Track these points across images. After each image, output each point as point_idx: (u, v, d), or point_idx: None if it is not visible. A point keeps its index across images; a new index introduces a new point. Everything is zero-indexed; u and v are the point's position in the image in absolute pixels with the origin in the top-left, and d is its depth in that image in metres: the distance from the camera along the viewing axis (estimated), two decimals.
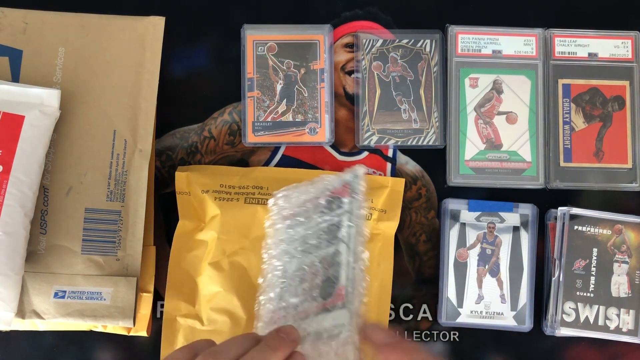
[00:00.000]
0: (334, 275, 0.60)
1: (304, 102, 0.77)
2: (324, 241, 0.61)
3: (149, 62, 0.76)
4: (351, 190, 0.62)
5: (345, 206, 0.61)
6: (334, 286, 0.59)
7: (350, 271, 0.59)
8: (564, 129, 0.78)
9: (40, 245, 0.72)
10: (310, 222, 0.62)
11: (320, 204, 0.62)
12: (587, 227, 0.76)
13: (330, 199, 0.62)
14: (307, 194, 0.63)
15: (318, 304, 0.59)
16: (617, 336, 0.75)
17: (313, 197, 0.63)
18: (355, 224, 0.61)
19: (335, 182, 0.62)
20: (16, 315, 0.70)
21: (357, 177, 0.62)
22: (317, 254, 0.61)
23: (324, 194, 0.62)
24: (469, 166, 0.77)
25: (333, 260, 0.60)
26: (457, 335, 0.78)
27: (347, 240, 0.60)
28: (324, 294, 0.59)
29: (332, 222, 0.61)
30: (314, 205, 0.63)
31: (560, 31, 0.79)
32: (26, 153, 0.69)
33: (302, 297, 0.60)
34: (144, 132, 0.75)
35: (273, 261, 0.63)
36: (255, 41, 0.77)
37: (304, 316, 0.59)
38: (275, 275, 0.62)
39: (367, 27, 0.79)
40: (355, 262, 0.59)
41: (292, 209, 0.64)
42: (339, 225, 0.61)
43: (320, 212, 0.62)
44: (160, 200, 0.77)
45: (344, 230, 0.60)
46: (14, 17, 0.75)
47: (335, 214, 0.61)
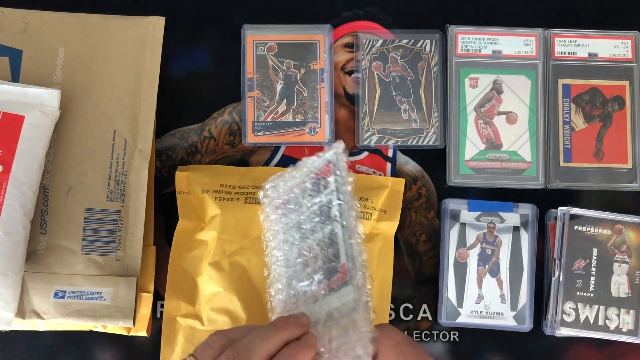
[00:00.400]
0: (334, 255, 0.61)
1: (304, 102, 0.77)
2: (318, 224, 0.62)
3: (149, 62, 0.76)
4: (334, 167, 0.62)
5: (331, 185, 0.62)
6: (335, 266, 0.60)
7: (348, 248, 0.60)
8: (564, 129, 0.78)
9: (40, 245, 0.72)
10: (302, 207, 0.63)
11: (307, 188, 0.63)
12: (587, 227, 0.76)
13: (316, 180, 0.63)
14: (293, 180, 0.64)
15: (324, 285, 0.60)
16: (617, 336, 0.75)
17: (300, 181, 0.64)
18: (345, 200, 0.61)
19: (317, 162, 0.63)
20: (16, 315, 0.70)
21: (337, 154, 0.62)
22: (314, 238, 0.62)
23: (309, 177, 0.63)
24: (469, 166, 0.77)
25: (330, 240, 0.61)
26: (457, 335, 0.78)
27: (339, 219, 0.61)
28: (327, 275, 0.60)
29: (322, 203, 0.62)
30: (301, 190, 0.63)
31: (560, 31, 0.79)
32: (26, 153, 0.69)
33: (308, 281, 0.61)
34: (144, 132, 0.75)
35: (274, 252, 0.64)
36: (255, 41, 0.77)
37: (313, 300, 0.60)
38: (279, 265, 0.63)
39: (367, 27, 0.79)
40: (351, 238, 0.60)
41: (281, 197, 0.64)
42: (329, 205, 0.62)
43: (309, 196, 0.63)
44: (160, 200, 0.77)
45: (334, 209, 0.61)
46: (14, 17, 0.75)
47: (323, 195, 0.62)
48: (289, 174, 0.64)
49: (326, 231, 0.61)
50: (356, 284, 0.59)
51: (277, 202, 0.64)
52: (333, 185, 0.62)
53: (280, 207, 0.64)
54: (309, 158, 0.64)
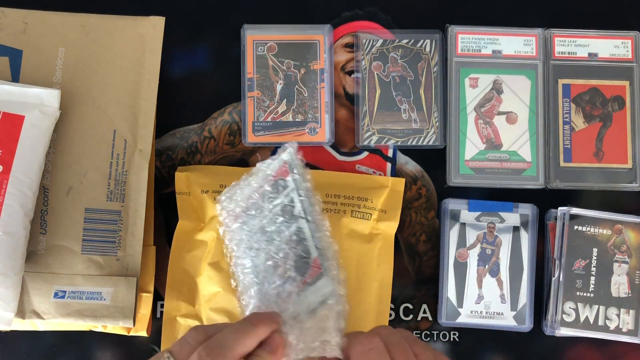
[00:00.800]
0: (304, 251, 0.61)
1: (304, 102, 0.77)
2: (282, 224, 0.62)
3: (149, 62, 0.76)
4: (291, 167, 0.63)
5: (290, 184, 0.62)
6: (307, 261, 0.61)
7: (317, 241, 0.61)
8: (564, 129, 0.78)
9: (40, 245, 0.72)
10: (263, 211, 0.63)
11: (266, 191, 0.63)
12: (587, 227, 0.76)
13: (274, 182, 0.63)
14: (249, 187, 0.64)
15: (299, 282, 0.60)
16: (617, 336, 0.75)
17: (257, 187, 0.64)
18: (306, 196, 0.62)
19: (273, 165, 0.63)
20: (16, 315, 0.70)
21: (292, 154, 0.63)
22: (280, 238, 0.62)
23: (267, 180, 0.63)
24: (469, 166, 0.77)
25: (298, 237, 0.62)
26: (457, 335, 0.78)
27: (304, 215, 0.62)
28: (300, 271, 0.61)
29: (284, 203, 0.62)
30: (260, 195, 0.63)
31: (560, 31, 0.79)
32: (26, 153, 0.69)
33: (281, 281, 0.61)
34: (144, 132, 0.75)
35: (240, 261, 0.63)
36: (255, 41, 0.77)
37: (288, 299, 0.60)
38: (247, 274, 0.63)
39: (367, 27, 0.79)
40: (318, 232, 0.61)
41: (239, 205, 0.64)
42: (291, 203, 0.62)
43: (269, 199, 0.63)
44: (160, 200, 0.77)
45: (297, 207, 0.62)
46: (14, 17, 0.75)
47: (283, 195, 0.62)
48: (244, 181, 0.64)
49: (292, 230, 0.62)
50: (331, 275, 0.60)
51: (237, 211, 0.64)
52: (292, 184, 0.63)
53: (240, 215, 0.64)
54: (263, 162, 0.64)
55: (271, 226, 0.62)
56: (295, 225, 0.62)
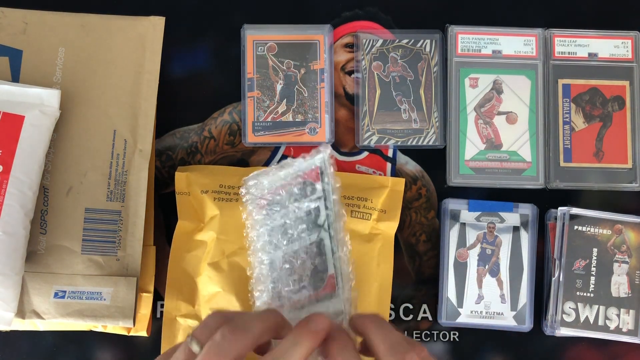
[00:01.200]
0: (321, 264, 0.60)
1: (304, 102, 0.77)
2: (304, 230, 0.61)
3: (149, 62, 0.76)
4: (322, 173, 0.61)
5: (318, 192, 0.61)
6: (322, 276, 0.60)
7: (336, 260, 0.60)
8: (564, 129, 0.78)
9: (40, 245, 0.72)
10: (287, 210, 0.62)
11: (293, 191, 0.62)
12: (587, 227, 0.76)
13: (302, 184, 0.62)
14: (277, 180, 0.63)
15: (310, 294, 0.60)
16: (617, 336, 0.75)
17: (284, 182, 0.62)
18: (333, 210, 0.61)
19: (304, 165, 0.62)
20: (16, 315, 0.70)
21: (325, 160, 0.61)
22: (300, 243, 0.61)
23: (295, 179, 0.62)
24: (469, 166, 0.77)
25: (318, 249, 0.60)
26: (457, 335, 0.78)
27: (327, 228, 0.60)
28: (314, 284, 0.60)
29: (309, 208, 0.61)
30: (287, 192, 0.62)
31: (560, 31, 0.79)
32: (26, 153, 0.69)
33: (294, 287, 0.60)
34: (144, 132, 0.75)
35: (259, 254, 0.63)
36: (255, 41, 0.77)
37: (299, 306, 0.60)
38: (264, 268, 0.62)
39: (367, 27, 0.79)
40: (339, 250, 0.60)
41: (265, 197, 0.63)
42: (317, 212, 0.61)
43: (295, 200, 0.62)
44: (160, 200, 0.77)
45: (322, 218, 0.61)
46: (14, 17, 0.75)
47: (309, 200, 0.61)
48: (273, 172, 0.63)
49: (313, 238, 0.61)
50: (344, 297, 0.59)
51: (262, 202, 0.63)
52: (320, 192, 0.61)
53: (264, 207, 0.63)
54: (295, 159, 0.63)
55: (293, 229, 0.62)
56: (316, 234, 0.61)
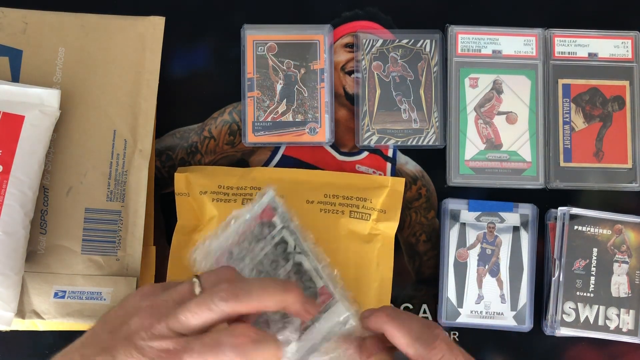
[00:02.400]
0: (308, 282, 0.63)
1: (304, 102, 0.77)
2: (276, 263, 0.64)
3: (149, 62, 0.76)
4: (273, 209, 0.65)
5: (277, 224, 0.65)
6: (313, 291, 0.62)
7: (320, 272, 0.63)
8: (564, 129, 0.78)
9: (40, 245, 0.72)
10: (252, 255, 0.64)
11: (252, 237, 0.65)
12: (587, 227, 0.76)
13: (259, 226, 0.65)
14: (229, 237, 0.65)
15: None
16: (617, 336, 0.75)
17: (238, 235, 0.65)
18: (296, 231, 0.64)
19: (252, 211, 0.65)
20: (16, 315, 0.70)
21: (271, 197, 0.65)
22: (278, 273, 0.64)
23: (249, 226, 0.65)
24: (469, 166, 0.77)
25: (298, 271, 0.63)
26: (457, 335, 0.78)
27: (300, 249, 0.64)
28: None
29: (275, 242, 0.64)
30: (245, 240, 0.65)
31: (560, 31, 0.79)
32: (26, 153, 0.69)
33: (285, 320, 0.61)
34: (144, 132, 0.75)
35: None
36: (255, 41, 0.77)
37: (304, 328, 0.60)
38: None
39: (367, 27, 0.79)
40: (319, 263, 0.63)
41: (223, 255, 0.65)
42: (283, 242, 0.64)
43: (256, 242, 0.65)
44: (160, 200, 0.77)
45: (291, 244, 0.64)
46: (14, 17, 0.75)
47: (271, 237, 0.64)
48: (222, 232, 0.65)
49: (289, 266, 0.63)
50: (341, 297, 0.62)
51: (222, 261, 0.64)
52: (280, 223, 0.64)
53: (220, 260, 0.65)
54: (240, 210, 0.65)
55: (265, 267, 0.64)
56: (291, 261, 0.63)
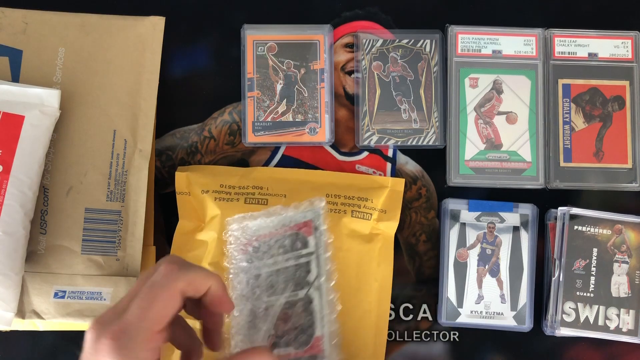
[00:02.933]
0: (308, 323, 0.59)
1: (304, 102, 0.77)
2: (291, 283, 0.59)
3: (149, 62, 0.76)
4: (314, 227, 0.60)
5: (310, 247, 0.60)
6: (308, 337, 0.59)
7: (325, 323, 0.58)
8: (564, 129, 0.78)
9: (40, 245, 0.72)
10: (274, 261, 0.60)
11: (282, 242, 0.60)
12: (587, 227, 0.76)
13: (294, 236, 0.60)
14: (265, 227, 0.61)
15: (295, 351, 0.58)
16: (617, 336, 0.75)
17: (273, 230, 0.60)
18: (324, 268, 0.59)
19: (296, 216, 0.60)
20: (16, 315, 0.70)
21: (318, 214, 0.60)
22: (285, 296, 0.59)
23: (284, 229, 0.60)
24: (469, 166, 0.77)
25: (305, 307, 0.59)
26: (457, 335, 0.78)
27: (318, 287, 0.59)
28: (298, 342, 0.58)
29: (299, 263, 0.60)
30: (276, 242, 0.60)
31: (560, 31, 0.79)
32: (26, 153, 0.69)
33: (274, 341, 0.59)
34: (144, 132, 0.75)
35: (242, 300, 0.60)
36: (255, 41, 0.77)
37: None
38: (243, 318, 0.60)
39: (367, 27, 0.79)
40: (329, 312, 0.59)
41: (251, 242, 0.61)
42: (307, 268, 0.60)
43: (283, 251, 0.60)
44: (160, 200, 0.77)
45: (312, 275, 0.59)
46: (14, 17, 0.75)
47: (299, 255, 0.60)
48: (262, 218, 0.61)
49: (300, 295, 0.59)
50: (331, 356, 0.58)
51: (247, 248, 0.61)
52: (313, 247, 0.60)
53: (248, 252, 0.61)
54: (286, 208, 0.61)
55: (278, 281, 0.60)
56: (305, 291, 0.59)
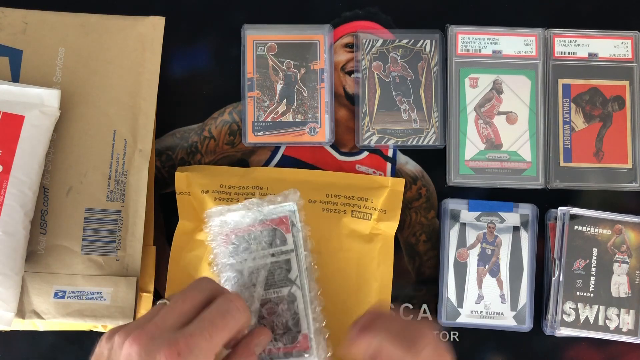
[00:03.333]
0: (293, 319, 0.61)
1: (304, 102, 0.77)
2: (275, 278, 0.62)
3: (149, 62, 0.76)
4: (292, 223, 0.62)
5: (289, 244, 0.62)
6: (296, 332, 0.61)
7: (310, 320, 0.61)
8: (564, 129, 0.78)
9: (40, 245, 0.72)
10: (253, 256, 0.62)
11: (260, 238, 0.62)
12: (587, 227, 0.76)
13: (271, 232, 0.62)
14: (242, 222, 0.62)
15: (281, 346, 0.60)
16: (617, 336, 0.75)
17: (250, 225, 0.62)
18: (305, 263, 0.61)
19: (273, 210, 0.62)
20: (16, 315, 0.70)
21: (295, 211, 0.62)
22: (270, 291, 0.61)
23: (262, 224, 0.62)
24: (469, 166, 0.77)
25: (288, 303, 0.61)
26: (457, 335, 0.78)
27: (300, 284, 0.61)
28: (285, 339, 0.61)
29: (278, 260, 0.62)
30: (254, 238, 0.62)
31: (560, 31, 0.79)
32: (26, 153, 0.69)
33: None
34: (144, 132, 0.75)
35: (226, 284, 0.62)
36: (255, 41, 0.77)
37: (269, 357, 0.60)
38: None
39: (367, 27, 0.79)
40: (313, 307, 0.61)
41: (230, 237, 0.63)
42: (287, 266, 0.62)
43: (262, 247, 0.62)
44: (160, 200, 0.77)
45: (294, 273, 0.61)
46: (14, 17, 0.75)
47: (279, 251, 0.62)
48: (240, 211, 0.63)
49: (284, 292, 0.61)
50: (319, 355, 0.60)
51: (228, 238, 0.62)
52: (291, 244, 0.62)
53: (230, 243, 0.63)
54: (263, 201, 0.63)
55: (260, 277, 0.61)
56: (288, 289, 0.61)
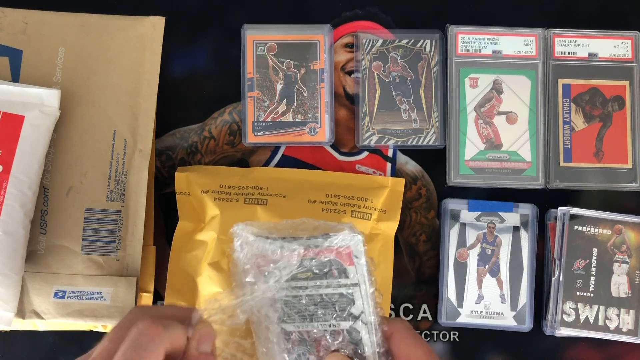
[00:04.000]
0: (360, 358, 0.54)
1: (304, 102, 0.77)
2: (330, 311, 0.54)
3: (149, 62, 0.76)
4: (355, 256, 0.53)
5: (351, 278, 0.53)
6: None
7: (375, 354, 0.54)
8: (564, 129, 0.78)
9: (40, 245, 0.72)
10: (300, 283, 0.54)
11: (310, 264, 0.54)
12: (587, 227, 0.76)
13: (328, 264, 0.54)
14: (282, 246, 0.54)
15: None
16: (617, 336, 0.75)
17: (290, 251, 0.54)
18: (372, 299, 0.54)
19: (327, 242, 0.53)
20: (16, 315, 0.70)
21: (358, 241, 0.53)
22: (323, 324, 0.54)
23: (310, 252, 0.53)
24: (469, 166, 0.77)
25: (352, 339, 0.54)
26: (457, 335, 0.78)
27: (366, 322, 0.54)
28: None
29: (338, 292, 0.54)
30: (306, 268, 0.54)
31: (560, 31, 0.79)
32: (26, 153, 0.69)
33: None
34: (144, 132, 0.75)
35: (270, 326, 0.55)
36: (255, 41, 0.77)
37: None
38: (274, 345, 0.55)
39: (367, 27, 0.79)
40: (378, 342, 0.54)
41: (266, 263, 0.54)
42: (351, 300, 0.54)
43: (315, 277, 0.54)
44: (160, 200, 0.77)
45: (358, 308, 0.54)
46: (14, 17, 0.75)
47: (338, 284, 0.54)
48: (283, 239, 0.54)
49: (344, 325, 0.54)
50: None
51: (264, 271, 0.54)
52: (355, 278, 0.53)
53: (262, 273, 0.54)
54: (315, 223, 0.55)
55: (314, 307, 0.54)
56: (349, 324, 0.54)
